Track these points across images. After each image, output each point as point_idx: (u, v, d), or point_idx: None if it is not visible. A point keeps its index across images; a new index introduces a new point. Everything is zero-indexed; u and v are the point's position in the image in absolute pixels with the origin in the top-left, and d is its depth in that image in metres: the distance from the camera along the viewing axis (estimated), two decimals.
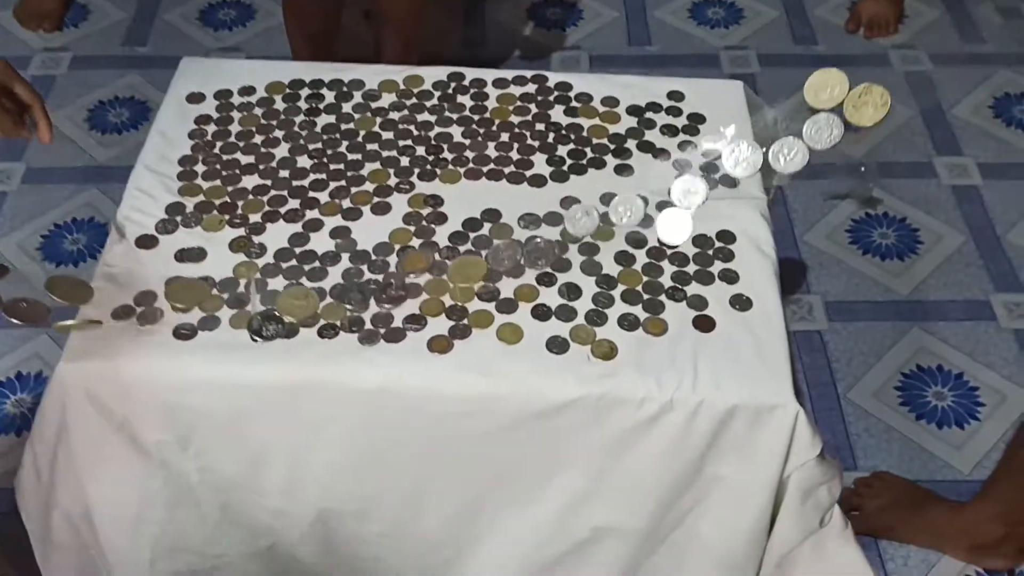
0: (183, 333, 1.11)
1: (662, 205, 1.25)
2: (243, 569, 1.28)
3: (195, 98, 1.37)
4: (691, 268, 1.21)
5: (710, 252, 1.22)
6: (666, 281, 1.19)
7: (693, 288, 1.19)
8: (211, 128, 1.34)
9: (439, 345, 1.12)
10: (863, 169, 2.18)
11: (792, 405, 1.10)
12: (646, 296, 1.18)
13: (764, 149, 1.10)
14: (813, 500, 1.17)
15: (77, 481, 1.16)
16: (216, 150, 1.31)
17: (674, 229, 1.11)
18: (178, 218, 1.22)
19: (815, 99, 1.05)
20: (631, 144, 1.35)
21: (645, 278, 1.19)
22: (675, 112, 1.39)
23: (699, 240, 1.23)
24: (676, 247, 1.21)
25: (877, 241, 2.06)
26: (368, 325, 1.13)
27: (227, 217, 1.23)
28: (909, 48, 2.46)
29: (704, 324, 1.16)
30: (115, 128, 2.23)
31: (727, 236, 1.24)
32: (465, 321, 1.14)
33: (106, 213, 2.03)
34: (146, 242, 1.20)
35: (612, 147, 1.34)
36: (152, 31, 2.47)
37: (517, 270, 1.18)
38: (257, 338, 1.09)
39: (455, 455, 1.16)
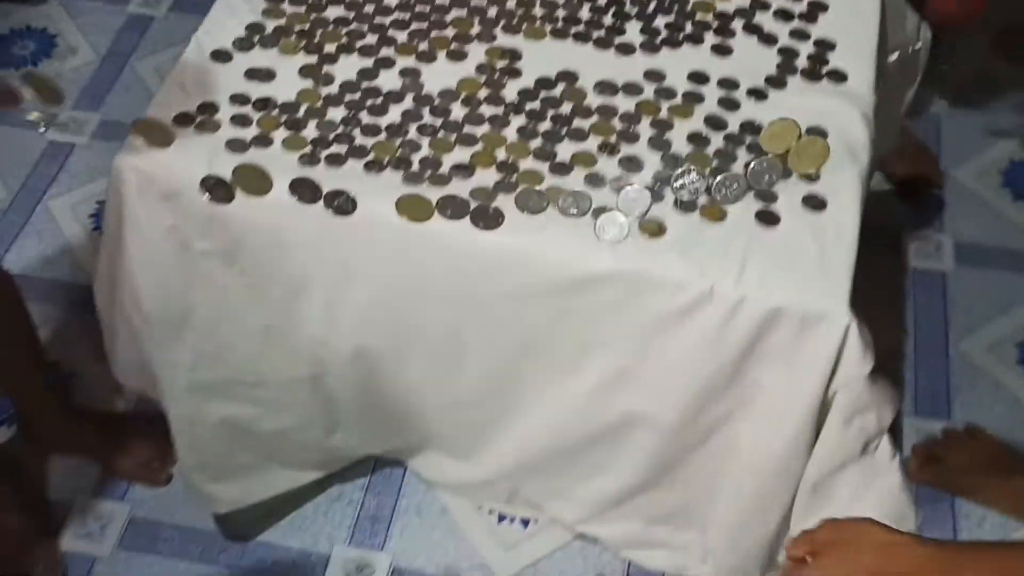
0: (236, 146, 1.12)
1: (752, 93, 1.16)
2: (285, 393, 1.30)
3: None
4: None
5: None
6: (738, 168, 1.10)
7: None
8: None
9: (482, 195, 1.08)
10: None
11: (843, 316, 1.01)
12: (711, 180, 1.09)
13: (711, 179, 1.08)
14: (858, 424, 1.08)
15: (132, 281, 1.20)
16: None
17: (609, 230, 1.05)
18: (256, 38, 1.22)
19: (768, 142, 1.10)
20: (737, 24, 1.24)
21: (715, 162, 1.11)
22: None
23: None
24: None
25: None
26: (415, 166, 1.11)
27: (303, 43, 1.22)
28: None
29: (768, 219, 1.07)
30: None
31: (818, 133, 1.13)
32: (514, 177, 1.09)
33: None
34: (220, 56, 1.21)
35: (715, 25, 1.24)
36: None
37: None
38: (207, 193, 1.08)
39: (487, 314, 1.14)
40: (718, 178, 1.07)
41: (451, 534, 1.49)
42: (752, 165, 1.08)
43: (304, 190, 1.09)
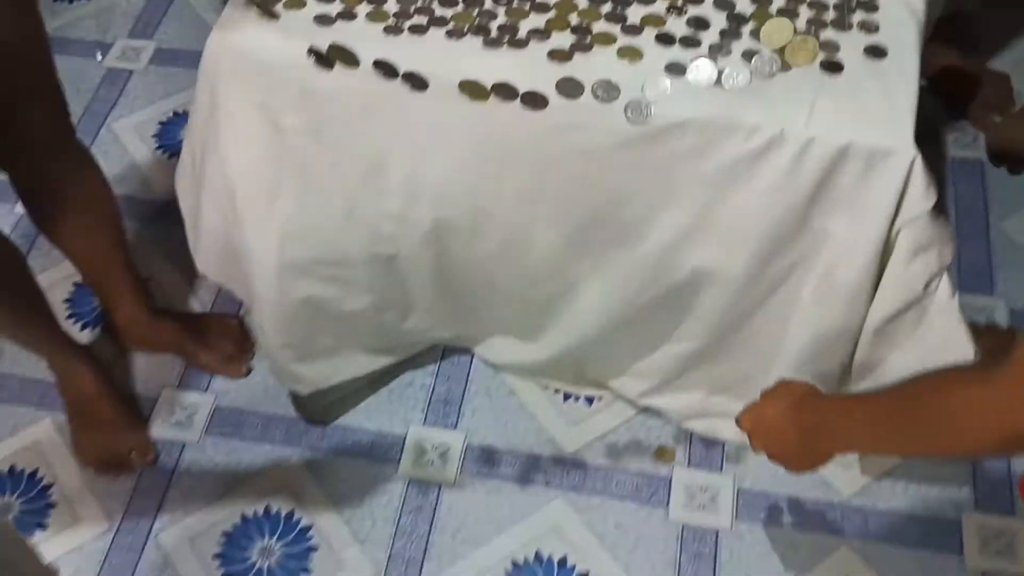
0: (323, 20, 1.18)
1: None
2: (364, 274, 1.37)
3: None
4: (829, 16, 1.17)
5: (853, 3, 1.18)
6: (800, 25, 1.16)
7: (827, 34, 1.15)
8: None
9: (559, 55, 1.14)
10: None
11: (909, 150, 1.07)
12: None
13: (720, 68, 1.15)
14: (921, 262, 1.14)
15: (222, 160, 1.27)
16: None
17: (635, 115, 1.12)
18: None
19: (768, 39, 1.16)
20: None
21: None
22: None
23: None
24: None
25: None
26: (494, 33, 1.17)
27: None
28: None
29: (832, 67, 1.13)
30: None
31: None
32: (588, 39, 1.15)
33: None
34: None
35: None
36: None
37: None
38: (313, 57, 1.14)
39: (564, 175, 1.19)
40: (726, 69, 1.13)
41: (519, 413, 1.56)
42: (755, 58, 1.14)
43: (384, 68, 1.15)
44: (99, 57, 2.03)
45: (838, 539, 1.42)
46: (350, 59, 1.14)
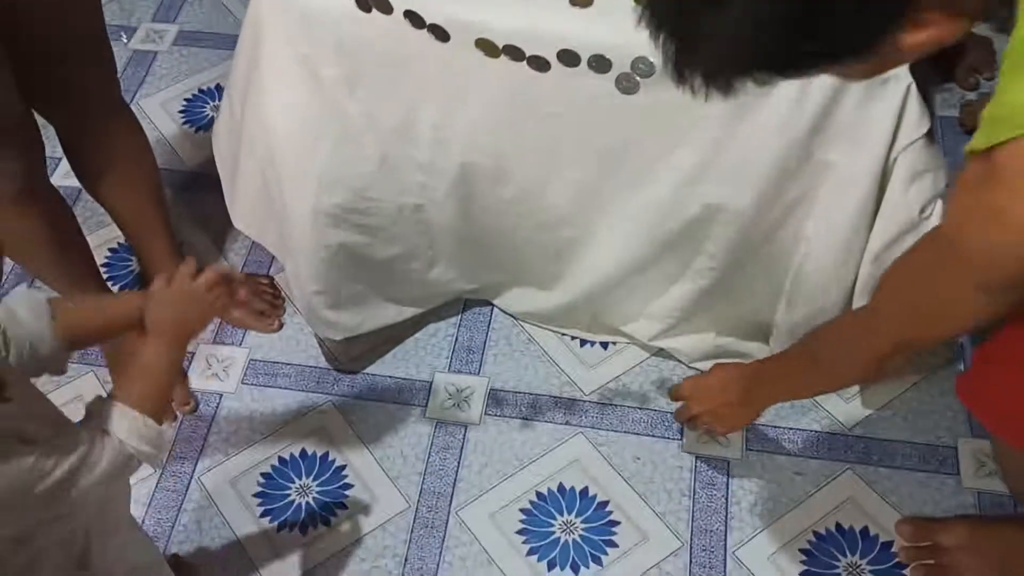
0: None
1: None
2: (393, 223, 1.46)
3: None
4: None
5: None
6: None
7: None
8: None
9: (581, 1, 1.23)
10: None
11: (905, 77, 1.16)
12: None
13: None
14: (917, 187, 1.23)
15: (263, 109, 1.35)
16: None
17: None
18: None
19: None
20: None
21: None
22: None
23: None
24: None
25: None
26: None
27: None
28: None
29: None
30: None
31: None
32: None
33: None
34: None
35: None
36: None
37: None
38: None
39: (582, 121, 1.28)
40: None
41: (539, 358, 1.65)
42: None
43: (413, 18, 1.24)
44: (124, 39, 2.12)
45: (842, 464, 1.51)
46: (385, 6, 1.23)
